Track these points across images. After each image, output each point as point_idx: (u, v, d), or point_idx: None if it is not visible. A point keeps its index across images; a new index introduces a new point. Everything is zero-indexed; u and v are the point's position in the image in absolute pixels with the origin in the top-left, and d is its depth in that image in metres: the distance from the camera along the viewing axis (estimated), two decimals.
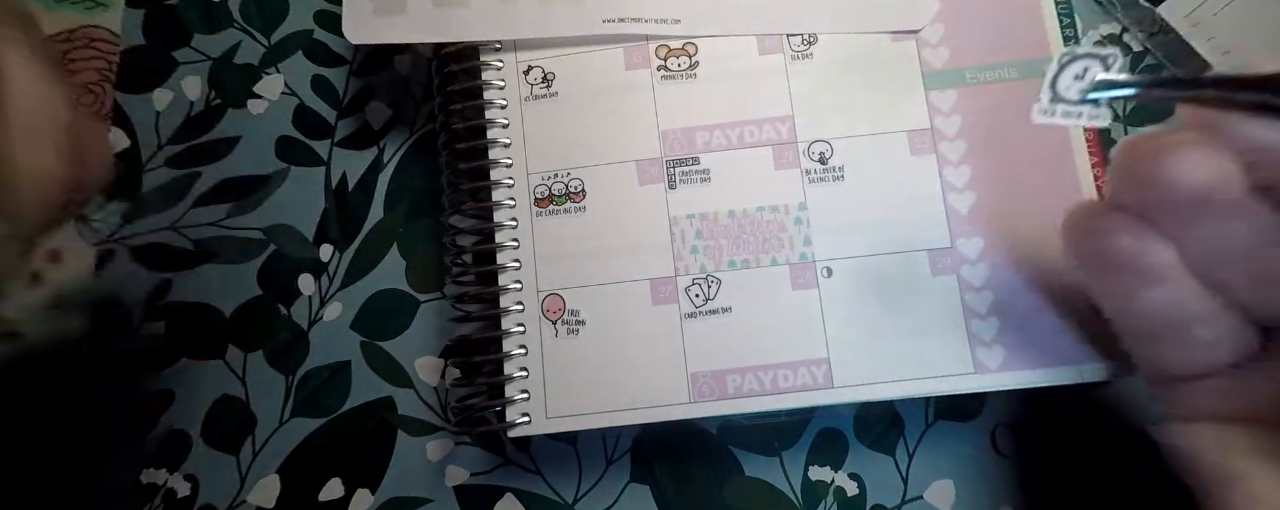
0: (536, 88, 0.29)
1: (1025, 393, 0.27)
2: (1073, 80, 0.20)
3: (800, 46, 0.29)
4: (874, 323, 0.27)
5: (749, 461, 0.31)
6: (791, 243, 0.27)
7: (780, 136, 0.28)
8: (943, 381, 0.26)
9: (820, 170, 0.28)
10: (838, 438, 0.31)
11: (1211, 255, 0.20)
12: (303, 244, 0.34)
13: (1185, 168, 0.18)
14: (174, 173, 0.34)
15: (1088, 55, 0.19)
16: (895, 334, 0.27)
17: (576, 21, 0.29)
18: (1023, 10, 0.28)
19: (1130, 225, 0.20)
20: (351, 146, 0.35)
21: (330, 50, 0.35)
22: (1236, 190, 0.18)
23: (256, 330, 0.33)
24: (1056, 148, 0.27)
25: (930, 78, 0.28)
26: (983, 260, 0.27)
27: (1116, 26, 0.34)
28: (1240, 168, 0.18)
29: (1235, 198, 0.18)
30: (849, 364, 0.27)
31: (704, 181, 0.28)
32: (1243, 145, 0.18)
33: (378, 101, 0.35)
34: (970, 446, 0.31)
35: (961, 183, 0.28)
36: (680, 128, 0.28)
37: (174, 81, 0.35)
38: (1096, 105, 0.20)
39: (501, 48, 0.29)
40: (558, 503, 0.31)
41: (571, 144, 0.29)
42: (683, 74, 0.29)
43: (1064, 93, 0.20)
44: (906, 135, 0.28)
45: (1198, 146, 0.18)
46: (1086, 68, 0.19)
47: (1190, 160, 0.18)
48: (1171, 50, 0.33)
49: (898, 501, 0.31)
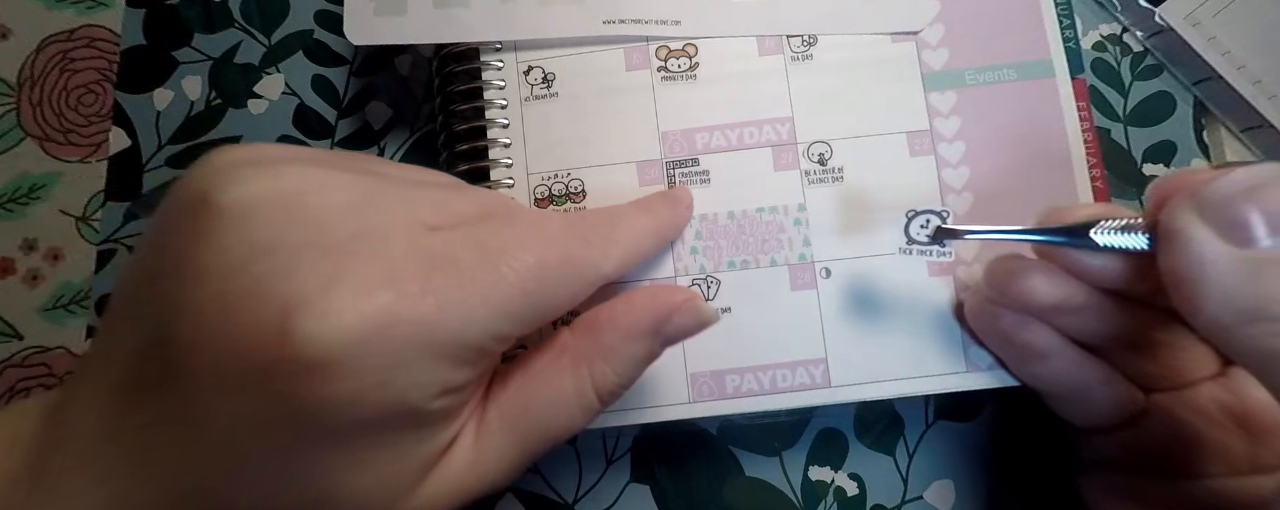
0: (537, 88, 0.29)
1: (1025, 393, 0.27)
2: (919, 229, 0.24)
3: (800, 48, 0.29)
4: (871, 323, 0.27)
5: (749, 461, 0.31)
6: (790, 244, 0.28)
7: (780, 138, 0.28)
8: (935, 380, 0.27)
9: (819, 171, 0.28)
10: (838, 438, 0.31)
11: (1082, 334, 0.24)
12: None
13: (1036, 289, 0.23)
14: (174, 173, 0.34)
15: (928, 211, 0.24)
16: (891, 334, 0.27)
17: (577, 22, 0.29)
18: (1022, 12, 0.28)
19: (1010, 313, 0.24)
20: (352, 146, 0.35)
21: (330, 50, 0.35)
22: (1081, 299, 0.22)
23: None
24: (1055, 150, 0.27)
25: (930, 79, 0.28)
26: (978, 261, 0.27)
27: (1116, 26, 0.34)
28: (1078, 283, 0.22)
29: (1082, 303, 0.23)
30: (846, 364, 0.27)
31: (704, 182, 0.28)
32: (1074, 267, 0.22)
33: (378, 101, 0.35)
34: (970, 446, 0.31)
35: (959, 184, 0.28)
36: (680, 129, 0.28)
37: (174, 81, 0.35)
38: (943, 245, 0.24)
39: (502, 48, 0.29)
40: (558, 502, 0.31)
41: (572, 145, 0.29)
42: (683, 75, 0.29)
43: (916, 237, 0.24)
44: (905, 136, 0.28)
45: (1042, 271, 0.23)
46: (929, 219, 0.24)
47: (1038, 282, 0.23)
48: (1171, 50, 0.33)
49: (898, 501, 0.31)
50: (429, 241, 0.18)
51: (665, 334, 0.22)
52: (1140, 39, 0.34)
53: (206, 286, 0.16)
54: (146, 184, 0.34)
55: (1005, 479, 0.31)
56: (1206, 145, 0.33)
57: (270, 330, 0.15)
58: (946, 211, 0.24)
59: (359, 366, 0.15)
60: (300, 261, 0.15)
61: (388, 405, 0.16)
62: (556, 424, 0.21)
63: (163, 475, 0.17)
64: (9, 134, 0.35)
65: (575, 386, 0.21)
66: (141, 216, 0.34)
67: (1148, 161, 0.33)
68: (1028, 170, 0.27)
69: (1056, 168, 0.27)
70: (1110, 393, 0.25)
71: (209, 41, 0.35)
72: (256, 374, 0.15)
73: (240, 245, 0.16)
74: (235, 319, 0.15)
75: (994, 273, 0.24)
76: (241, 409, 0.16)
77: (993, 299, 0.24)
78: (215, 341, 0.15)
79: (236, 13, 0.36)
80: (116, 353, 0.18)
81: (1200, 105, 0.33)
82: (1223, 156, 0.33)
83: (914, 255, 0.24)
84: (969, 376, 0.27)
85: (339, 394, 0.15)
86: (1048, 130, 0.28)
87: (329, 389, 0.15)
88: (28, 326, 0.33)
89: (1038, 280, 0.23)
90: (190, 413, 0.16)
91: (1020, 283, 0.23)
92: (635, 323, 0.22)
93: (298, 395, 0.15)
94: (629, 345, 0.22)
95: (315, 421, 0.16)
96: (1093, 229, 0.21)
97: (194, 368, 0.16)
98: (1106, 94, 0.33)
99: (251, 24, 0.36)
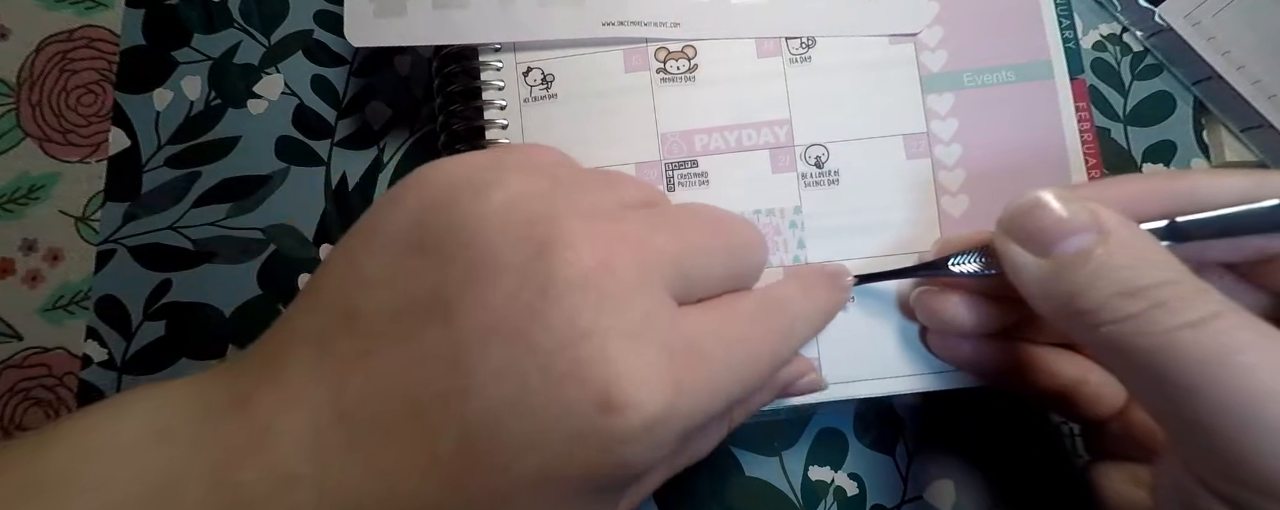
0: (536, 89, 0.29)
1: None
2: None
3: (799, 50, 0.29)
4: (864, 322, 0.27)
5: (749, 461, 0.31)
6: (786, 245, 0.28)
7: (778, 140, 0.28)
8: (929, 378, 0.27)
9: (816, 174, 0.28)
10: (837, 437, 0.31)
11: (1050, 337, 0.26)
12: (303, 244, 0.34)
13: (956, 314, 0.25)
14: (174, 173, 0.34)
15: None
16: (884, 333, 0.27)
17: (576, 24, 0.29)
18: (1022, 13, 0.28)
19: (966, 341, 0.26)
20: (351, 146, 0.35)
21: (330, 50, 0.35)
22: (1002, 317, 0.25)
23: (256, 330, 0.33)
24: (1053, 152, 0.27)
25: (928, 81, 0.28)
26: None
27: (1116, 26, 0.34)
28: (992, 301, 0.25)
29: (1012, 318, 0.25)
30: (839, 362, 0.27)
31: (702, 184, 0.28)
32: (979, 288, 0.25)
33: (378, 101, 0.35)
34: (970, 446, 0.31)
35: (955, 186, 0.28)
36: (679, 130, 0.28)
37: (174, 81, 0.35)
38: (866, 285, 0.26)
39: (501, 49, 0.29)
40: None
41: (571, 145, 0.28)
42: (682, 77, 0.29)
43: None
44: (902, 138, 0.28)
45: (957, 297, 0.25)
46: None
47: (956, 309, 0.25)
48: (1171, 50, 0.33)
49: (897, 501, 0.31)
50: (689, 329, 0.20)
51: (789, 393, 0.27)
52: (1140, 39, 0.34)
53: (535, 359, 0.18)
54: (146, 184, 0.34)
55: (1005, 479, 0.31)
56: (1206, 145, 0.33)
57: (593, 406, 0.18)
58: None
59: (644, 444, 0.19)
60: (614, 348, 0.18)
61: (642, 469, 0.19)
62: (702, 452, 0.25)
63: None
64: (8, 134, 0.35)
65: (725, 426, 0.25)
66: (141, 216, 0.34)
67: (1147, 161, 0.33)
68: (1025, 172, 0.27)
69: (1054, 169, 0.27)
70: (1089, 389, 0.25)
71: (208, 42, 0.35)
72: (572, 439, 0.18)
73: (568, 329, 0.18)
74: (561, 391, 0.18)
75: (919, 305, 0.26)
76: (540, 463, 0.18)
77: (929, 327, 0.26)
78: (540, 411, 0.18)
79: (236, 13, 0.36)
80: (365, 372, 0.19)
81: (1200, 105, 0.33)
82: (1222, 156, 0.33)
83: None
84: (961, 375, 0.27)
85: (626, 459, 0.19)
86: (1046, 131, 0.28)
87: (623, 454, 0.18)
88: (27, 327, 0.34)
89: (953, 306, 0.25)
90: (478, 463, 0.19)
91: (943, 310, 0.25)
92: (778, 381, 0.26)
93: (598, 461, 0.18)
94: (766, 396, 0.26)
95: (597, 483, 0.19)
96: (949, 261, 0.24)
97: (509, 427, 0.18)
98: (1106, 94, 0.33)
99: (251, 24, 0.36)
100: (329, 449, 0.18)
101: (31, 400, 0.33)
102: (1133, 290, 0.19)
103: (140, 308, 0.34)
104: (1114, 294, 0.19)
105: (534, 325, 0.18)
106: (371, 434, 0.19)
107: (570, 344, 0.18)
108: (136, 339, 0.33)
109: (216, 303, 0.34)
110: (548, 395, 0.18)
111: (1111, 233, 0.20)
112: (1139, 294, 0.19)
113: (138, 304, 0.34)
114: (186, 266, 0.34)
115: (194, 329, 0.33)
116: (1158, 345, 0.18)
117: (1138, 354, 0.19)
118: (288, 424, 0.19)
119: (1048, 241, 0.21)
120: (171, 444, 0.19)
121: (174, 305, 0.34)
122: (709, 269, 0.22)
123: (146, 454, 0.19)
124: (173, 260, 0.34)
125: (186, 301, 0.34)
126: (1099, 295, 0.19)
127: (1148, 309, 0.19)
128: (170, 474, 0.18)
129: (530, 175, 0.21)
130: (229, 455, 0.18)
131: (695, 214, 0.23)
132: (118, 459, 0.18)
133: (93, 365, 0.33)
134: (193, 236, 0.34)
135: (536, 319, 0.18)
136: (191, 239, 0.34)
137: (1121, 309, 0.19)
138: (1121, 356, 0.20)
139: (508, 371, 0.18)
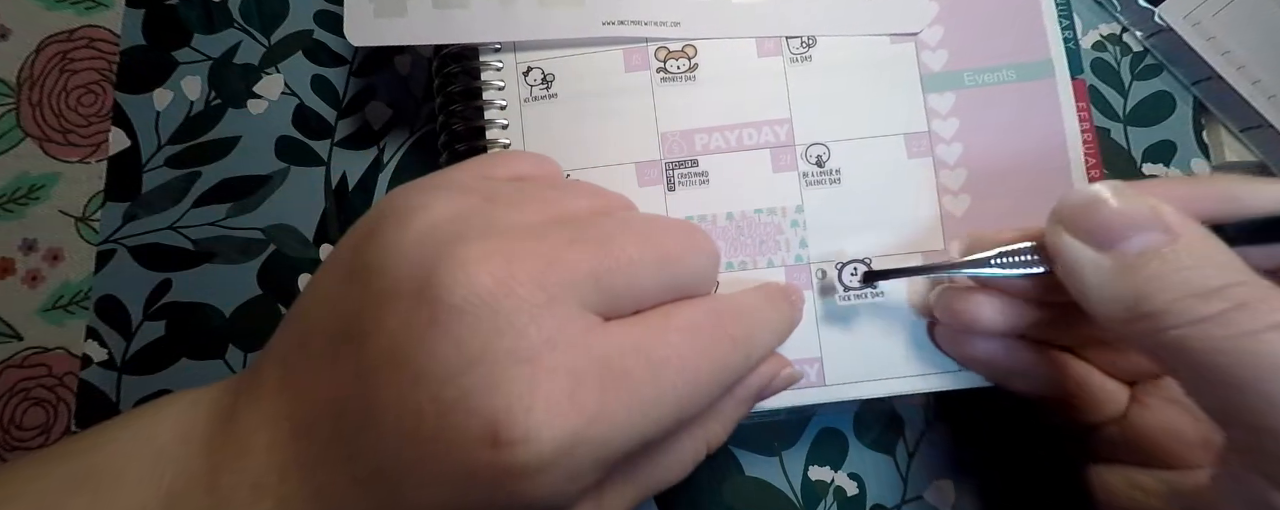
0: (536, 89, 0.29)
1: None
2: (850, 276, 0.26)
3: (799, 49, 0.29)
4: (866, 322, 0.27)
5: (749, 461, 0.31)
6: (788, 245, 0.28)
7: (778, 139, 0.28)
8: (931, 378, 0.27)
9: (817, 173, 0.28)
10: (837, 437, 0.31)
11: (1054, 340, 0.25)
12: (303, 244, 0.34)
13: (981, 314, 0.24)
14: (174, 173, 0.34)
15: (854, 261, 0.26)
16: (886, 333, 0.27)
17: (576, 23, 0.29)
18: (1022, 12, 0.28)
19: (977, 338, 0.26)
20: (351, 146, 0.35)
21: (330, 50, 0.35)
22: (1026, 316, 0.24)
23: (256, 330, 0.33)
24: (1053, 151, 0.27)
25: (928, 80, 0.28)
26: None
27: (1116, 26, 0.34)
28: (1019, 301, 0.24)
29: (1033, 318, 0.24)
30: (842, 362, 0.27)
31: (703, 184, 0.28)
32: (1009, 289, 0.24)
33: (378, 101, 0.35)
34: (970, 446, 0.31)
35: (957, 186, 0.28)
36: (679, 130, 0.28)
37: (174, 81, 0.35)
38: (874, 287, 0.26)
39: (501, 49, 0.29)
40: None
41: (571, 145, 0.29)
42: (682, 76, 0.29)
43: (849, 284, 0.26)
44: (903, 138, 0.28)
45: (985, 297, 0.24)
46: (857, 268, 0.26)
47: (983, 308, 0.24)
48: (1171, 50, 0.33)
49: (897, 501, 0.31)
50: (604, 348, 0.19)
51: (765, 396, 0.25)
52: (1140, 39, 0.34)
53: (424, 390, 0.18)
54: (146, 184, 0.34)
55: (1005, 479, 0.31)
56: (1206, 145, 0.33)
57: (480, 440, 0.17)
58: (870, 259, 0.26)
59: (547, 477, 0.18)
60: (503, 376, 0.18)
61: (554, 503, 0.19)
62: (670, 476, 0.23)
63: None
64: (8, 134, 0.35)
65: (692, 446, 0.23)
66: (140, 216, 0.34)
67: (1147, 161, 0.33)
68: (1026, 171, 0.27)
69: (1055, 168, 0.27)
70: (1089, 393, 0.25)
71: (208, 42, 0.35)
72: (462, 474, 0.18)
73: (455, 357, 0.18)
74: (448, 423, 0.17)
75: (943, 304, 0.25)
76: (439, 497, 0.18)
77: (950, 326, 0.26)
78: (429, 443, 0.18)
79: (236, 13, 0.36)
80: (307, 391, 0.20)
81: (1200, 105, 0.33)
82: (1222, 156, 0.33)
83: (852, 301, 0.26)
84: (964, 375, 0.27)
85: (527, 494, 0.18)
86: (1046, 131, 0.28)
87: (521, 489, 0.18)
88: (27, 327, 0.34)
89: (982, 307, 0.24)
90: (387, 490, 0.18)
91: (968, 311, 0.24)
92: (748, 390, 0.24)
93: (493, 497, 0.18)
94: (740, 407, 0.24)
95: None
96: (992, 259, 0.23)
97: (404, 457, 0.18)
98: (1106, 94, 0.33)
99: (251, 24, 0.36)
100: (287, 464, 0.19)
101: (31, 400, 0.33)
102: (1207, 292, 0.18)
103: (140, 308, 0.34)
104: (1186, 295, 0.18)
105: (421, 353, 0.18)
106: (311, 452, 0.19)
107: (459, 372, 0.18)
108: (136, 339, 0.33)
109: (216, 303, 0.34)
110: (437, 427, 0.17)
111: (1181, 232, 0.19)
112: (1214, 295, 0.18)
113: (138, 304, 0.34)
114: (186, 266, 0.34)
115: (194, 329, 0.33)
116: (1236, 348, 0.18)
117: (1210, 357, 0.18)
118: (260, 437, 0.20)
119: (1110, 239, 0.20)
120: (188, 448, 0.20)
121: (174, 305, 0.34)
122: (637, 281, 0.21)
123: (175, 456, 0.20)
124: (173, 260, 0.34)
125: (186, 301, 0.34)
126: (1169, 296, 0.19)
127: (1225, 311, 0.18)
128: (183, 479, 0.19)
129: (461, 195, 0.21)
130: (221, 462, 0.19)
131: (627, 224, 0.22)
132: (155, 459, 0.20)
133: (93, 365, 0.33)
134: (193, 236, 0.34)
135: (423, 346, 0.18)
136: (191, 239, 0.34)
137: (1195, 311, 0.18)
138: (1188, 359, 0.19)
139: (403, 401, 0.18)
